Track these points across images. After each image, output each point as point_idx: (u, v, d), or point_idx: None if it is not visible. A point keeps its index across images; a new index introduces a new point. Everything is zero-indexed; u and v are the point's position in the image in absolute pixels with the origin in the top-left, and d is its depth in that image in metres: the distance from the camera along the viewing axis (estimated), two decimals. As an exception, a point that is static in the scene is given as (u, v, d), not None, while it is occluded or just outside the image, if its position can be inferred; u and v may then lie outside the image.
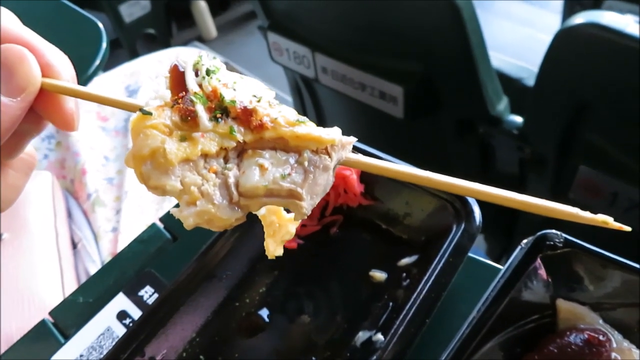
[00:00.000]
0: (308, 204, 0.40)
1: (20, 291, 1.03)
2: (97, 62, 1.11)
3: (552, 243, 0.54)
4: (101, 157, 1.43)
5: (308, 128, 0.41)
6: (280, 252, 0.47)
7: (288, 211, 0.47)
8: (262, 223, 0.49)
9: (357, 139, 0.43)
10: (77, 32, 1.18)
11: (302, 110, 1.94)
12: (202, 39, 3.32)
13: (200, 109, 0.40)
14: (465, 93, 1.45)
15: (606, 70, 1.16)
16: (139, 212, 1.29)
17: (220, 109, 0.41)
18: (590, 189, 1.34)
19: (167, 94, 0.41)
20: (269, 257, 0.48)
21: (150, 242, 0.80)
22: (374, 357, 0.57)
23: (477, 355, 0.51)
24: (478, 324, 0.51)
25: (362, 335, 0.63)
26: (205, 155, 0.40)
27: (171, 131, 0.39)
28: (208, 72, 0.42)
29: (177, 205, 0.41)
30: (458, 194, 0.34)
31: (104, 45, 1.12)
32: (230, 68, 0.45)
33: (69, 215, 1.34)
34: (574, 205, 0.33)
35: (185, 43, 3.27)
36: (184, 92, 0.41)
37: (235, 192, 0.40)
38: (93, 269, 1.17)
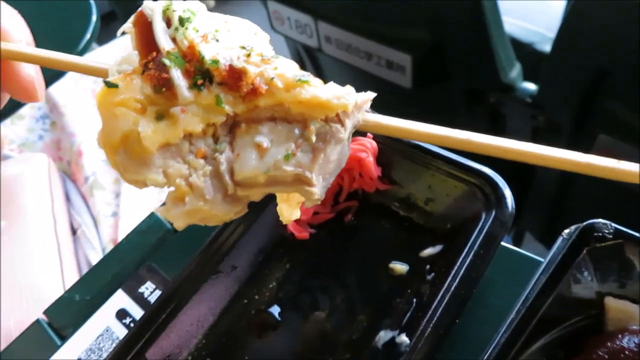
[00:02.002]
0: (320, 189, 0.33)
1: (17, 283, 0.99)
2: (88, 36, 1.04)
3: (600, 234, 0.47)
4: (98, 137, 1.37)
5: (312, 90, 0.32)
6: (297, 215, 0.40)
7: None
8: None
9: (375, 94, 0.34)
10: (66, 5, 1.10)
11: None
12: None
13: (177, 75, 0.32)
14: (476, 60, 1.38)
15: (631, 31, 1.08)
16: (139, 195, 1.23)
17: (201, 72, 0.32)
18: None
19: (135, 57, 0.33)
20: (284, 222, 0.41)
21: (150, 233, 0.74)
22: (399, 361, 0.52)
23: (517, 362, 0.45)
24: (518, 327, 0.45)
25: (384, 335, 0.57)
26: (190, 135, 0.33)
27: (144, 107, 0.32)
28: (182, 22, 0.33)
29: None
30: (509, 159, 0.28)
31: (94, 18, 1.05)
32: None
33: (67, 199, 1.28)
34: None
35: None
36: (154, 53, 0.32)
37: (230, 182, 0.33)
38: (93, 256, 1.12)
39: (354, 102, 0.33)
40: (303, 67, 1.85)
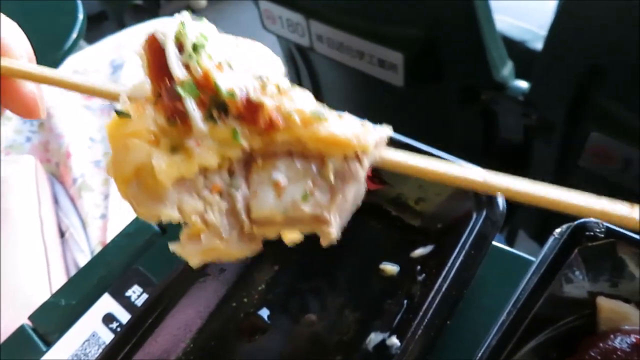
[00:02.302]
0: (336, 228, 0.33)
1: (2, 287, 0.97)
2: (74, 35, 1.03)
3: (592, 233, 0.47)
4: (86, 138, 1.35)
5: (331, 126, 0.31)
6: (300, 236, 0.40)
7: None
8: None
9: (392, 131, 0.33)
10: (51, 4, 1.09)
11: (298, 82, 1.85)
12: (191, 9, 3.20)
13: (191, 107, 0.31)
14: (468, 58, 1.38)
15: (623, 29, 1.08)
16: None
17: (217, 103, 0.31)
18: (601, 156, 1.28)
19: (147, 84, 0.32)
20: (287, 243, 0.40)
21: (137, 235, 0.73)
22: (390, 364, 0.51)
23: (508, 364, 0.45)
24: (510, 328, 0.45)
25: (374, 337, 0.56)
26: (205, 170, 0.32)
27: (158, 138, 0.31)
28: (195, 48, 0.32)
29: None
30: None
31: (81, 16, 1.03)
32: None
33: (56, 201, 1.26)
34: (582, 172, 0.27)
35: (173, 13, 3.14)
36: (167, 80, 0.31)
37: (246, 219, 0.32)
38: (82, 259, 1.11)
39: (374, 142, 0.32)
40: (295, 66, 1.83)
